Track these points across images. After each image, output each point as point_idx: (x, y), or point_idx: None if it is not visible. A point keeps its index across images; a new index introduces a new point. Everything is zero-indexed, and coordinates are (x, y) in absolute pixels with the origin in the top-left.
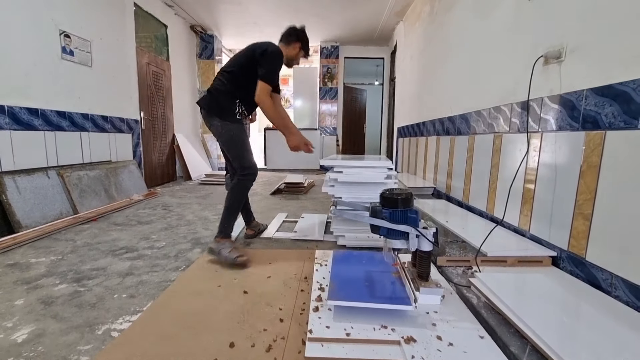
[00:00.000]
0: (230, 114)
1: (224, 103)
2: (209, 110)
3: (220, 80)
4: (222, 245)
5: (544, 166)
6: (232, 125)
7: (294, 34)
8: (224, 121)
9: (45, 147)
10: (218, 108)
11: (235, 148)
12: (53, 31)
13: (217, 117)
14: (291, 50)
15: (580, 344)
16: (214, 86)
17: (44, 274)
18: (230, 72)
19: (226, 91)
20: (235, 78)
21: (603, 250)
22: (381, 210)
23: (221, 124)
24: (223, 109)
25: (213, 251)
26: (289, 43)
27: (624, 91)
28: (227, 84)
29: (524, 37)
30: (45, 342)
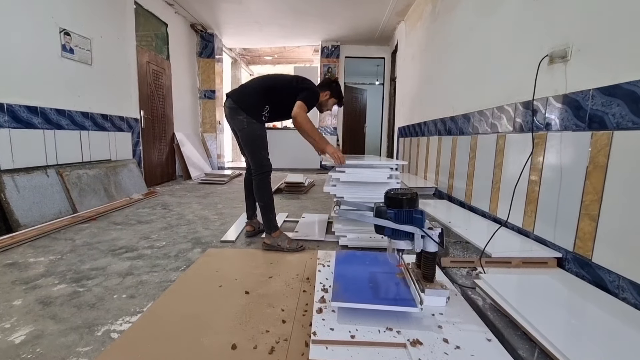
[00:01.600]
0: (257, 113)
1: (254, 102)
2: (239, 103)
3: (257, 84)
4: (278, 240)
5: (548, 166)
6: (256, 124)
7: (326, 85)
8: (250, 118)
9: (44, 146)
10: (248, 104)
11: (254, 144)
12: (53, 29)
13: (244, 112)
14: (322, 96)
15: (589, 347)
16: (249, 85)
17: (43, 274)
18: (269, 84)
19: (260, 95)
20: (271, 90)
21: (610, 251)
22: (386, 210)
23: (247, 120)
24: (252, 106)
25: (271, 246)
26: (321, 89)
27: (632, 91)
28: (262, 90)
29: (528, 36)
30: (44, 344)
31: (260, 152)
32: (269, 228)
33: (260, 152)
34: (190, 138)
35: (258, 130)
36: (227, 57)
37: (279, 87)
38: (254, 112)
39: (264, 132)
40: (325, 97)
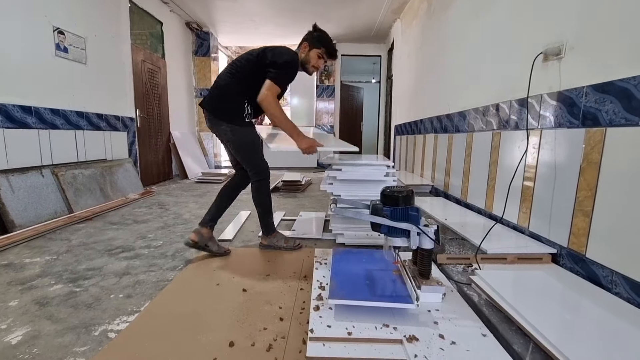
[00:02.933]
0: (238, 117)
1: (231, 105)
2: (215, 114)
3: (225, 80)
4: (275, 239)
5: (543, 163)
6: (241, 130)
7: (304, 37)
8: (234, 126)
9: (39, 146)
10: (225, 111)
11: (246, 152)
12: (46, 27)
13: (225, 122)
14: (301, 54)
15: (583, 341)
16: (218, 84)
17: (39, 274)
18: (239, 70)
19: (234, 92)
20: (241, 80)
21: (604, 247)
22: (382, 208)
23: (230, 129)
24: (231, 111)
25: (268, 246)
26: (299, 47)
27: (625, 88)
28: (233, 85)
29: (523, 34)
30: (40, 344)
31: (254, 158)
32: (267, 231)
33: (254, 158)
34: (186, 137)
35: (246, 136)
36: (223, 55)
37: (247, 72)
38: (233, 116)
39: (252, 134)
40: (305, 51)
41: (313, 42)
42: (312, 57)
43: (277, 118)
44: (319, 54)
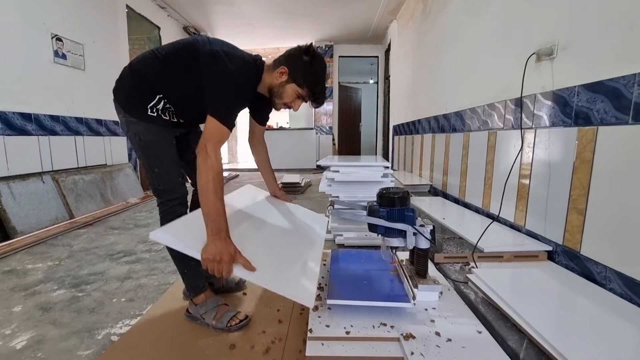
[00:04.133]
0: (137, 105)
1: (131, 87)
2: (115, 94)
3: (140, 58)
4: (201, 309)
5: (538, 162)
6: (139, 126)
7: (285, 55)
8: (129, 117)
9: (39, 152)
10: (123, 92)
11: (145, 161)
12: (45, 35)
13: (122, 108)
14: (274, 77)
15: (577, 337)
16: (131, 63)
17: (42, 280)
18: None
19: (141, 75)
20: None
21: (597, 243)
22: (378, 209)
23: (125, 120)
24: (129, 95)
25: (195, 318)
26: (276, 65)
27: (615, 87)
28: (148, 67)
29: (516, 34)
30: (45, 348)
31: (153, 170)
32: (188, 288)
33: (152, 170)
34: None
35: (144, 135)
36: None
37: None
38: (131, 102)
39: (156, 136)
40: (279, 79)
41: (296, 73)
42: (287, 93)
43: (203, 190)
44: (299, 94)
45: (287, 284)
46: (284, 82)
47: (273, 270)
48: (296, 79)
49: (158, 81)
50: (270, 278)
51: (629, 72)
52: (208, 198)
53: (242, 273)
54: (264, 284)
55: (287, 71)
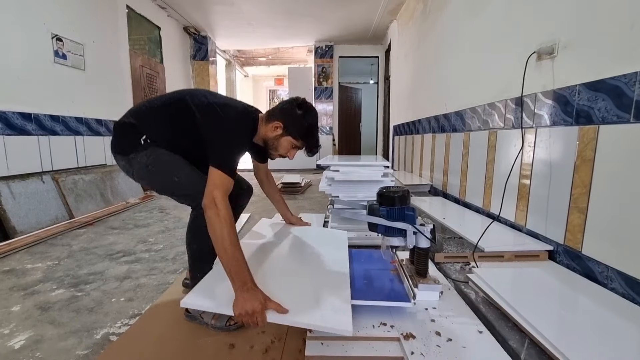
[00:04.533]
0: (133, 140)
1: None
2: (112, 149)
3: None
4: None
5: (538, 161)
6: (140, 156)
7: (279, 109)
8: (128, 155)
9: (39, 152)
10: (116, 141)
11: (161, 179)
12: (45, 35)
13: (119, 154)
14: (268, 130)
15: (578, 337)
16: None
17: (41, 280)
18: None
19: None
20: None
21: (599, 243)
22: (378, 208)
23: (127, 161)
24: (120, 137)
25: (192, 317)
26: (270, 119)
27: (616, 85)
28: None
29: (516, 33)
30: (43, 348)
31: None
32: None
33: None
34: None
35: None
36: (221, 59)
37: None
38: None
39: (161, 153)
40: (274, 132)
41: (291, 127)
42: (283, 145)
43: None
44: (294, 145)
45: (322, 317)
46: (278, 135)
47: (305, 306)
48: (291, 132)
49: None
50: (304, 315)
51: (631, 70)
52: (226, 251)
53: (275, 318)
54: (299, 323)
55: (282, 125)
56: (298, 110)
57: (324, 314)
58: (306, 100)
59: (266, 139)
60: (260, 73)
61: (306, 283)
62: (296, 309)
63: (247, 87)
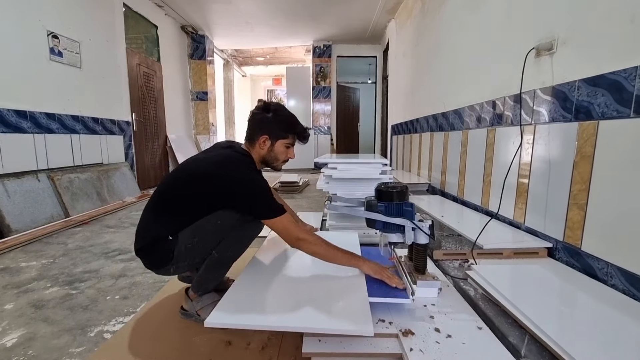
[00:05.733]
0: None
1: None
2: (152, 269)
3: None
4: (197, 305)
5: (537, 158)
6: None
7: (253, 125)
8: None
9: (35, 150)
10: (150, 262)
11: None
12: (40, 32)
13: (163, 267)
14: (259, 149)
15: (579, 333)
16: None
17: (35, 278)
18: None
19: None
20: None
21: (598, 239)
22: (377, 204)
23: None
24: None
25: (188, 315)
26: (252, 141)
27: (616, 80)
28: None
29: (515, 30)
30: (36, 346)
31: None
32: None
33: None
34: (183, 140)
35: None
36: (219, 58)
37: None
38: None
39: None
40: (265, 147)
41: (274, 131)
42: (279, 151)
43: (332, 260)
44: (288, 144)
45: (341, 321)
46: (270, 145)
47: (322, 310)
48: (277, 135)
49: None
50: (322, 321)
51: (631, 65)
52: (337, 258)
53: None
54: (317, 329)
55: (267, 136)
56: (267, 114)
57: (342, 317)
58: (265, 100)
59: (263, 157)
60: (258, 73)
61: (321, 288)
62: (313, 314)
63: (245, 87)
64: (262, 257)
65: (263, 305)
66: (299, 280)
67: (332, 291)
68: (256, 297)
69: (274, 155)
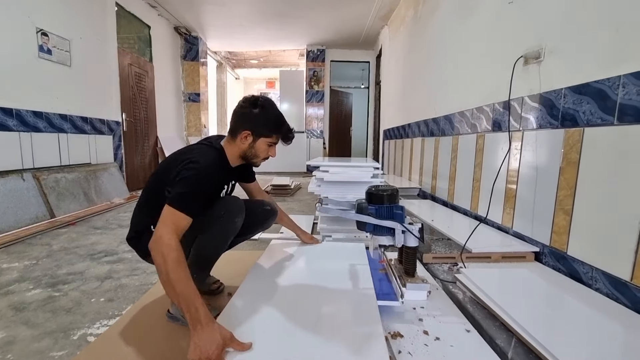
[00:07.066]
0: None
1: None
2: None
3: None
4: None
5: (525, 164)
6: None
7: (238, 119)
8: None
9: (20, 149)
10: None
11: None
12: (29, 29)
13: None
14: (239, 144)
15: (564, 335)
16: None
17: (17, 280)
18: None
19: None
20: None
21: (583, 244)
22: (367, 206)
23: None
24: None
25: (175, 318)
26: (234, 134)
27: (600, 89)
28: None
29: (504, 39)
30: (15, 350)
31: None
32: None
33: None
34: (174, 141)
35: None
36: (212, 60)
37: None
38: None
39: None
40: (246, 142)
41: (258, 128)
42: (261, 148)
43: (166, 278)
44: (270, 142)
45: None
46: (251, 142)
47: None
48: (261, 132)
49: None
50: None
51: (614, 74)
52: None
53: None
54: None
55: (250, 132)
56: (254, 109)
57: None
58: (255, 95)
59: (242, 153)
60: (251, 75)
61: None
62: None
63: (238, 90)
64: (259, 270)
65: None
66: (302, 303)
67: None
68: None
69: (254, 152)
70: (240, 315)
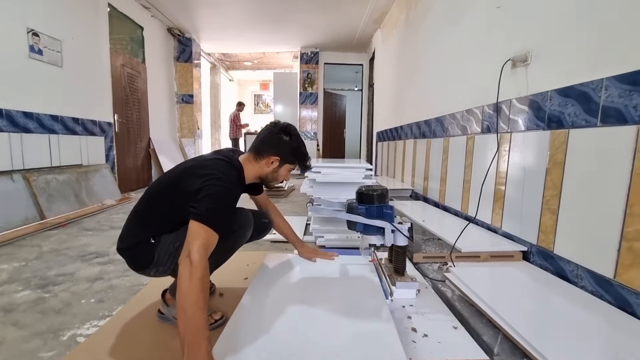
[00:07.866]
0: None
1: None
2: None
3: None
4: (174, 309)
5: (513, 165)
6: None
7: (268, 144)
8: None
9: (10, 150)
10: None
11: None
12: (20, 29)
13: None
14: (263, 167)
15: (550, 332)
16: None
17: (5, 281)
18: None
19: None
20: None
21: (569, 243)
22: (357, 206)
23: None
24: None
25: (167, 319)
26: (260, 156)
27: (584, 91)
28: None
29: (493, 42)
30: (4, 350)
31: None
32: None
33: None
34: (166, 142)
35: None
36: (206, 62)
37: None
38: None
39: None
40: (272, 167)
41: (286, 156)
42: (282, 174)
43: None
44: (291, 169)
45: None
46: (276, 167)
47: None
48: (288, 160)
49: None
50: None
51: (597, 77)
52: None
53: None
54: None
55: (279, 158)
56: (285, 136)
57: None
58: (281, 121)
59: (263, 175)
60: (245, 77)
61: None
62: None
63: (232, 91)
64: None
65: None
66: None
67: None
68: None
69: (276, 176)
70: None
